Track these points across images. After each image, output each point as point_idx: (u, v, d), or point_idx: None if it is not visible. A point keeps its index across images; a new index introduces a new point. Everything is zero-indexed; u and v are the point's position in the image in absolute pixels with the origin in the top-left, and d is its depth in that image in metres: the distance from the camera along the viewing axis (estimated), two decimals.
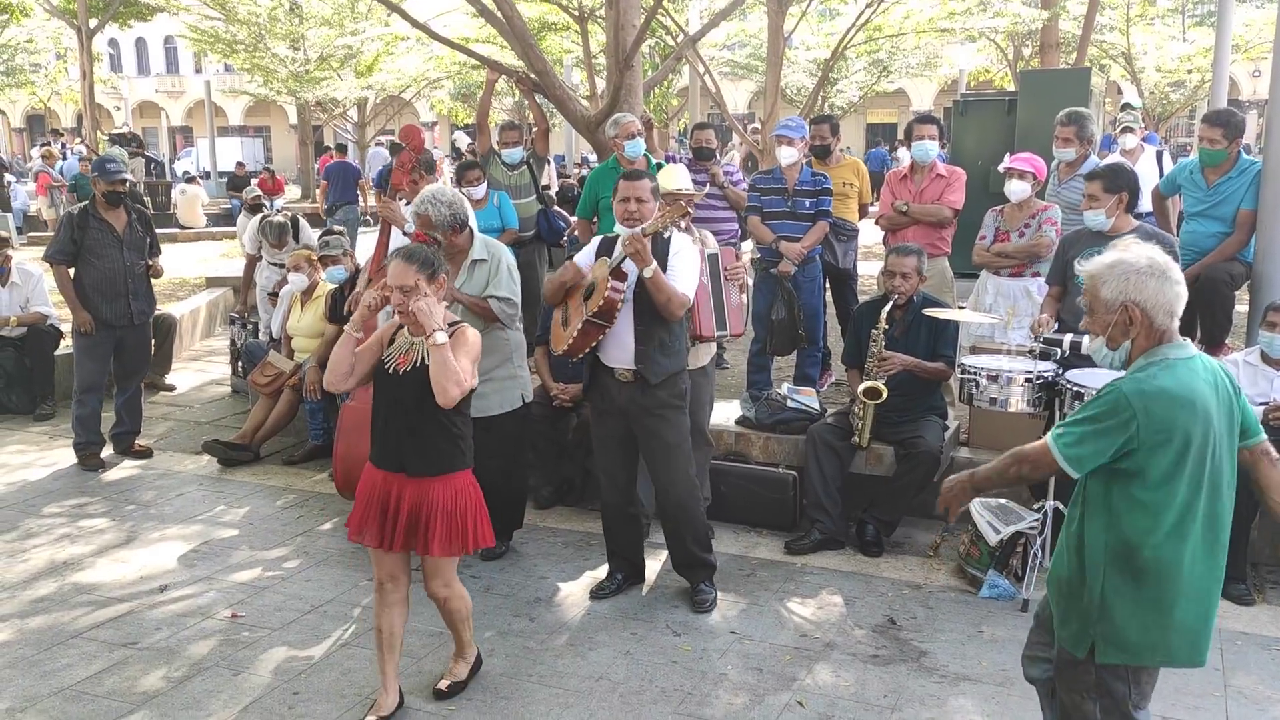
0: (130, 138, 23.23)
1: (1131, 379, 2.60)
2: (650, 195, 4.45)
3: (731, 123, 15.19)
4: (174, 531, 5.50)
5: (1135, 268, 2.62)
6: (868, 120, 42.02)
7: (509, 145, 7.54)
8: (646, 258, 4.21)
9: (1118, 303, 2.63)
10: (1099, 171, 5.13)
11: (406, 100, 28.87)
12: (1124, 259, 2.64)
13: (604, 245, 4.54)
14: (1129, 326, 2.63)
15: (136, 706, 3.79)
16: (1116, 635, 2.64)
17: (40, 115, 47.29)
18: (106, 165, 6.65)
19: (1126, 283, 2.62)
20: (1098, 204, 4.97)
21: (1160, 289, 2.60)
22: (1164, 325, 2.62)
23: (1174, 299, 2.61)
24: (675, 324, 4.47)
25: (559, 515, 5.63)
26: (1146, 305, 2.60)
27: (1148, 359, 2.63)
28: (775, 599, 4.69)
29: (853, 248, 7.10)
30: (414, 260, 3.58)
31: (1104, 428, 2.57)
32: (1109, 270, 2.65)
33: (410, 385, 3.59)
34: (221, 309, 10.71)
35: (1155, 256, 2.64)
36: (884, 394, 5.04)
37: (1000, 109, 9.09)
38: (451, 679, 3.90)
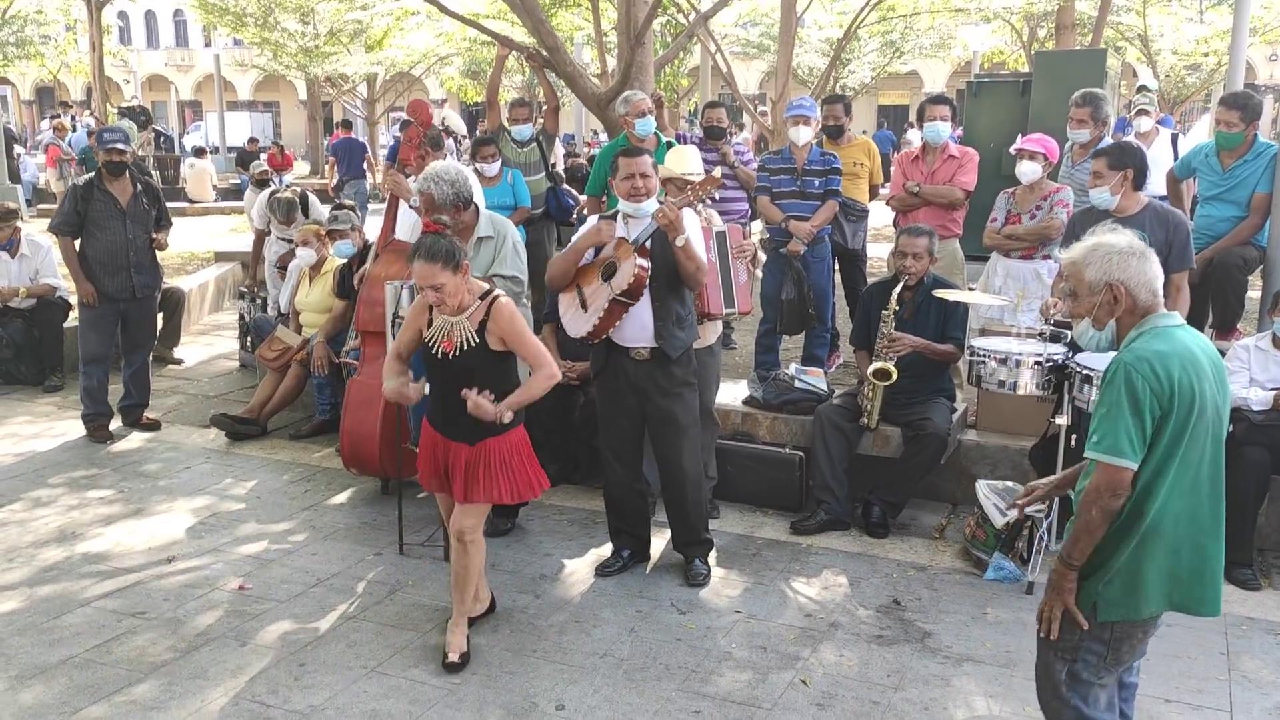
0: (139, 111, 23.16)
1: (1128, 351, 2.65)
2: (653, 170, 4.44)
3: (743, 102, 15.11)
4: (182, 504, 5.52)
5: (1116, 248, 2.72)
6: (879, 102, 41.75)
7: (518, 122, 7.51)
8: (681, 226, 4.22)
9: (1102, 283, 2.72)
10: (1104, 149, 5.09)
11: (416, 77, 28.76)
12: (1104, 241, 2.75)
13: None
14: (1114, 305, 2.72)
15: (145, 675, 3.81)
16: (1123, 595, 2.68)
17: (50, 88, 47.26)
18: (104, 135, 6.64)
19: (1109, 263, 2.71)
20: (1102, 181, 4.94)
21: (1141, 268, 2.70)
22: (1147, 302, 2.70)
23: (1153, 277, 2.71)
24: (688, 298, 4.47)
25: (564, 493, 5.63)
26: (1129, 283, 2.69)
27: (1138, 330, 2.70)
28: (780, 579, 4.69)
29: (862, 228, 7.06)
30: (437, 258, 3.69)
31: (1131, 407, 2.59)
32: (1091, 253, 2.75)
33: (459, 368, 3.81)
34: (230, 284, 10.72)
35: (1133, 239, 2.74)
36: (894, 375, 5.02)
37: (1014, 90, 9.01)
38: (458, 650, 3.91)
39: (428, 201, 4.75)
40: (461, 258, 3.77)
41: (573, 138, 21.66)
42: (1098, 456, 2.63)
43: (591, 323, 4.39)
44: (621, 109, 6.74)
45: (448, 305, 3.77)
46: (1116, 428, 2.60)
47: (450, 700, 3.66)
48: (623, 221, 4.45)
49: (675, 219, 4.20)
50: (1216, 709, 3.67)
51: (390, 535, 5.03)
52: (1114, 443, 2.60)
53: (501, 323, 3.80)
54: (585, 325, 4.42)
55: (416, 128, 5.86)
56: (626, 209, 4.42)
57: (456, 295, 3.77)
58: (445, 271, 3.69)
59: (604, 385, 4.64)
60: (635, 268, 4.25)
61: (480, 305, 3.83)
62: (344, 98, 28.36)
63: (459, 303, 3.80)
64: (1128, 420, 2.59)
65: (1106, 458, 2.62)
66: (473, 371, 3.80)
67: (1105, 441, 2.62)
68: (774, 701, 3.68)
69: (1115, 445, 2.60)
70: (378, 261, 5.64)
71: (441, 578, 4.62)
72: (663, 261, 4.34)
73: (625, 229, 4.42)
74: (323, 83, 26.76)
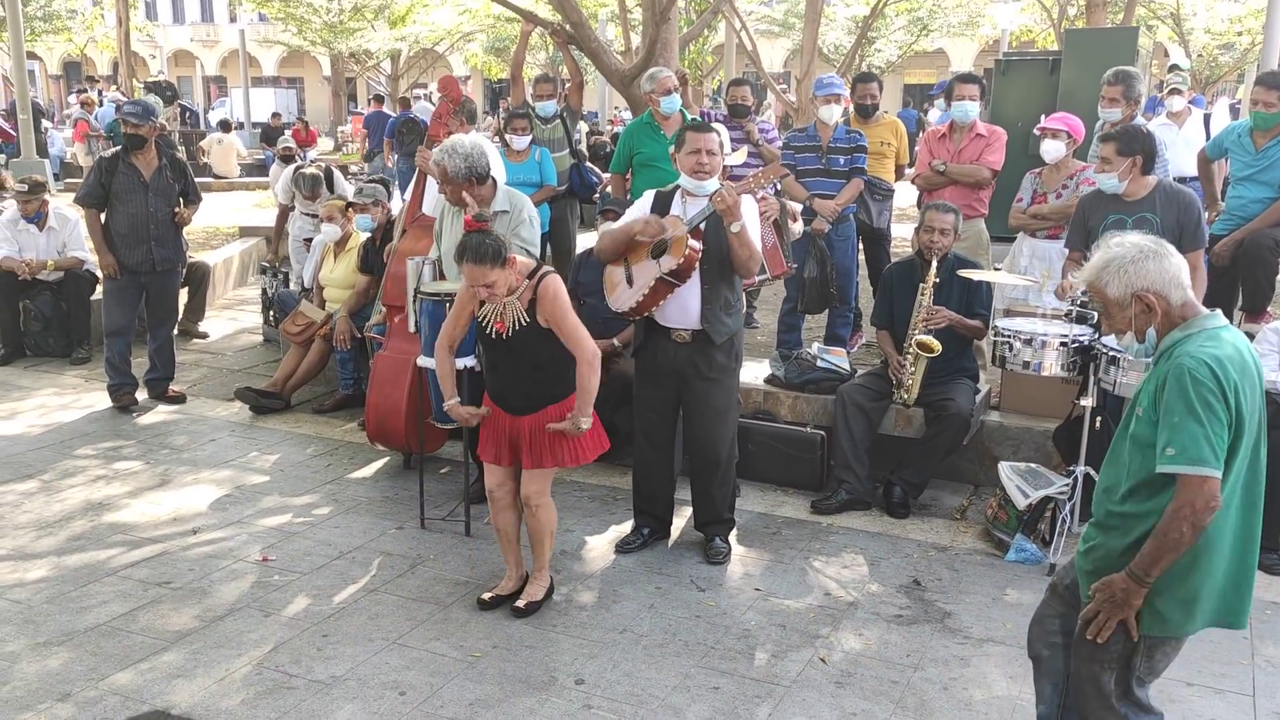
0: (165, 86, 23.27)
1: (1185, 355, 2.51)
2: (719, 148, 4.38)
3: (767, 80, 15.01)
4: (206, 475, 5.57)
5: (1128, 258, 2.62)
6: (905, 80, 41.32)
7: (542, 98, 7.49)
8: (738, 212, 4.17)
9: (1129, 296, 2.62)
10: (1113, 134, 4.95)
11: (440, 54, 28.74)
12: (1113, 255, 2.65)
13: (659, 200, 4.46)
14: (1149, 314, 2.61)
15: (170, 644, 3.86)
16: (1165, 607, 2.59)
17: (77, 63, 47.48)
18: (124, 108, 6.68)
19: (1127, 275, 2.61)
20: (1110, 167, 4.81)
21: (1160, 267, 2.60)
22: (1180, 299, 2.60)
23: (1176, 270, 2.61)
24: (738, 284, 4.44)
25: (586, 469, 5.63)
26: (1155, 287, 2.59)
27: (1184, 332, 2.59)
28: (800, 557, 4.69)
29: (888, 207, 7.01)
30: (484, 259, 3.77)
31: (1205, 412, 2.45)
32: (1105, 271, 2.65)
33: (514, 347, 3.92)
34: (254, 258, 10.77)
35: (1139, 241, 2.64)
36: (937, 348, 4.97)
37: (1043, 69, 8.90)
38: (529, 599, 4.09)
39: (441, 173, 4.75)
40: (506, 252, 3.83)
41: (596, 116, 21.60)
42: (1180, 469, 2.45)
43: (636, 299, 4.35)
44: (647, 86, 6.70)
45: (499, 297, 3.85)
46: (1195, 435, 2.43)
47: (470, 673, 3.69)
48: (680, 198, 4.38)
49: (734, 204, 4.14)
50: (1239, 693, 3.65)
51: (412, 509, 5.07)
52: (1196, 452, 2.43)
53: (546, 303, 3.88)
54: (629, 300, 4.38)
55: (447, 104, 5.86)
56: (687, 185, 4.35)
57: (508, 287, 3.85)
58: (495, 270, 3.77)
59: (642, 365, 4.62)
60: (686, 249, 4.19)
61: (529, 285, 3.90)
62: (368, 74, 28.37)
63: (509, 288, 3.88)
64: (1204, 426, 2.44)
65: (1191, 469, 2.43)
66: (527, 349, 3.90)
67: (1186, 452, 2.44)
68: (793, 679, 3.69)
69: (1198, 455, 2.43)
70: (405, 237, 5.66)
71: (462, 552, 4.65)
72: (716, 246, 4.28)
73: (682, 207, 4.35)
74: (347, 59, 26.79)
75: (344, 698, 3.53)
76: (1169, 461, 2.48)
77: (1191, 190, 5.21)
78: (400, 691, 3.57)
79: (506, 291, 3.86)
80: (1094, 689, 2.72)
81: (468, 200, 4.73)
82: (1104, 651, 2.68)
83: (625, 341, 5.53)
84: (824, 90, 6.38)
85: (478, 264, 3.76)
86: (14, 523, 4.92)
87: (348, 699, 3.52)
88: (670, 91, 6.57)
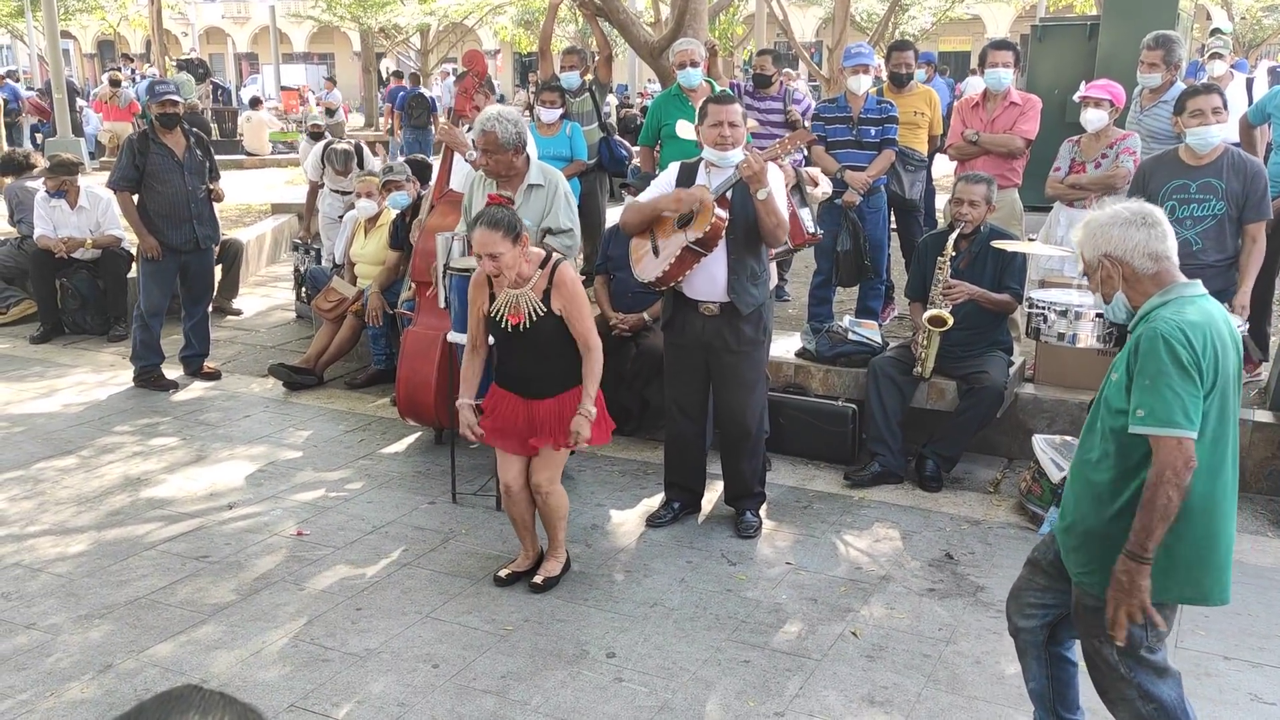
0: (198, 64, 23.40)
1: (1159, 319, 2.54)
2: (741, 119, 4.34)
3: (798, 50, 14.86)
4: (241, 451, 5.64)
5: (1100, 221, 2.68)
6: (939, 49, 40.68)
7: (567, 69, 7.44)
8: (764, 179, 4.13)
9: (1096, 259, 2.68)
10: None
11: (469, 27, 28.64)
12: (1093, 217, 2.72)
13: (684, 173, 4.44)
14: (1111, 279, 2.67)
15: (207, 617, 3.92)
16: (1154, 577, 2.56)
17: (110, 41, 47.79)
18: (156, 87, 6.68)
19: (1097, 238, 2.69)
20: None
21: (1127, 234, 2.62)
22: (1147, 269, 2.62)
23: (1147, 239, 2.61)
24: (764, 254, 4.41)
25: (616, 444, 5.64)
26: (1118, 253, 2.63)
27: (1162, 298, 2.60)
28: (832, 531, 4.68)
29: (920, 178, 6.91)
30: (498, 226, 3.75)
31: (1178, 373, 2.47)
32: (1083, 231, 2.73)
33: (532, 338, 3.89)
34: (286, 235, 10.84)
35: (1122, 208, 2.67)
36: (949, 322, 4.93)
37: (1081, 34, 8.72)
38: (545, 575, 4.13)
39: (491, 141, 4.68)
40: (521, 230, 3.81)
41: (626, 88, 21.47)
42: (1149, 430, 2.48)
43: (661, 268, 4.32)
44: (672, 58, 6.65)
45: (505, 277, 3.82)
46: (1165, 397, 2.47)
47: (503, 646, 3.72)
48: (705, 169, 4.37)
49: (760, 171, 4.10)
50: (1277, 666, 3.60)
51: (444, 484, 5.10)
52: (1166, 413, 2.46)
53: (564, 290, 3.87)
54: (655, 270, 4.36)
55: (472, 78, 5.84)
56: (711, 157, 4.33)
57: (514, 267, 3.82)
58: (505, 241, 3.74)
59: (671, 338, 4.60)
60: (713, 217, 4.17)
61: (542, 274, 3.88)
62: (397, 49, 28.35)
63: (517, 274, 3.85)
64: (1176, 387, 2.46)
65: (1161, 430, 2.47)
66: (544, 338, 3.89)
67: (1155, 413, 2.47)
68: (824, 653, 3.69)
69: (1167, 415, 2.46)
70: (433, 212, 5.66)
71: (494, 526, 4.67)
72: (742, 215, 4.25)
73: (707, 177, 4.34)
74: (376, 34, 26.77)
75: (378, 670, 3.57)
76: (1139, 423, 2.51)
77: (1259, 162, 5.10)
78: (433, 664, 3.61)
79: (516, 277, 3.84)
80: (1101, 661, 2.73)
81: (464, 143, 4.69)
82: (1095, 625, 2.68)
83: (656, 316, 5.51)
84: (852, 61, 6.29)
85: (490, 229, 3.73)
86: (55, 498, 5.01)
87: (382, 671, 3.56)
88: (688, 65, 6.51)
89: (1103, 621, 2.63)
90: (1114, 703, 2.76)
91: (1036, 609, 2.95)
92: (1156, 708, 2.69)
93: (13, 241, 8.60)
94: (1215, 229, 4.86)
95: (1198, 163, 4.73)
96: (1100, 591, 2.63)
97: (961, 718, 3.33)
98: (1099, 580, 2.64)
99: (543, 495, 4.05)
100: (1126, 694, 2.70)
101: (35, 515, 4.80)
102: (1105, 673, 2.73)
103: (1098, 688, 2.79)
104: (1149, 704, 2.69)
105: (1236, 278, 4.89)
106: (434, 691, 3.45)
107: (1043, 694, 3.02)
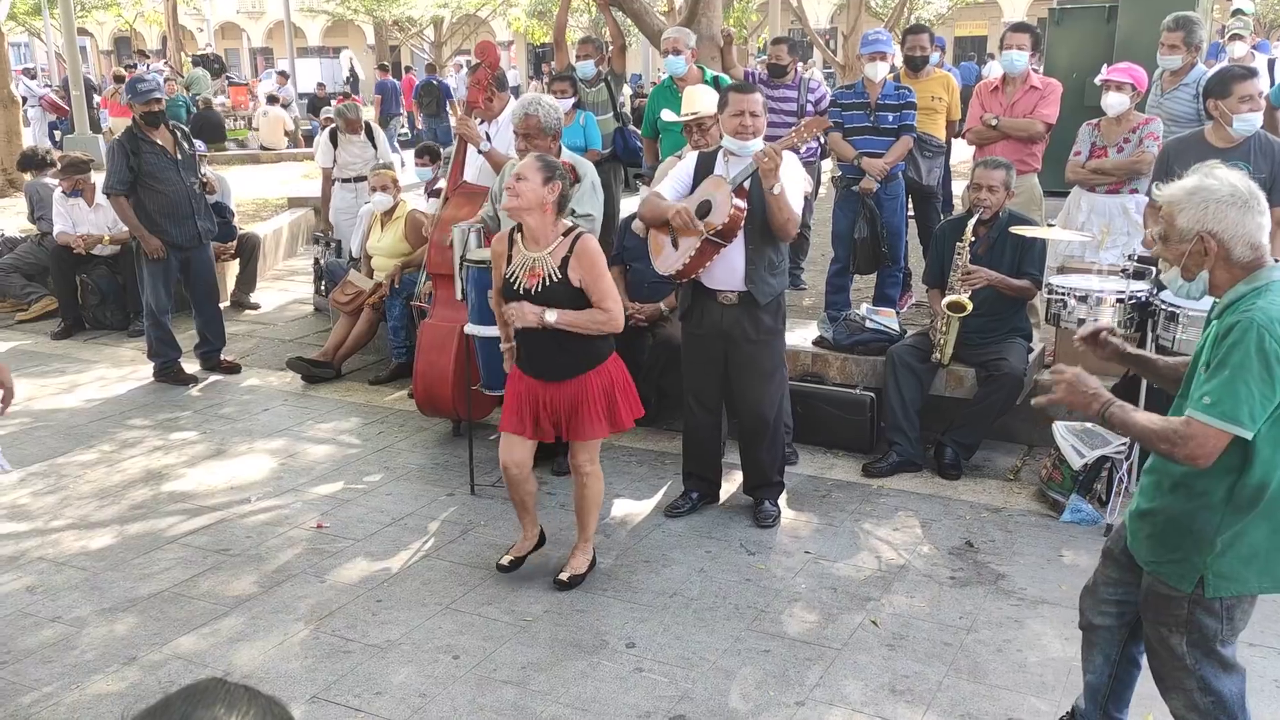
0: (213, 59, 23.51)
1: (1257, 310, 2.39)
2: (762, 109, 4.32)
3: (813, 37, 14.79)
4: (260, 445, 5.67)
5: (1216, 196, 2.45)
6: (955, 33, 40.41)
7: (583, 58, 7.41)
8: (777, 175, 4.09)
9: (1193, 232, 2.48)
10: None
11: (483, 19, 28.66)
12: (1205, 185, 2.48)
13: (702, 161, 4.43)
14: (1204, 257, 2.49)
15: (230, 609, 3.95)
16: (1235, 568, 2.52)
17: (126, 37, 48.04)
18: (137, 86, 6.55)
19: (1205, 211, 2.46)
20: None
21: (1241, 219, 2.44)
22: (1244, 257, 2.46)
23: (1255, 230, 2.46)
24: (782, 244, 4.39)
25: (634, 434, 5.64)
26: (1224, 236, 2.45)
27: (1250, 285, 2.47)
28: (851, 520, 4.66)
29: (938, 164, 6.86)
30: (540, 159, 3.79)
31: (1262, 373, 2.36)
32: (1189, 197, 2.48)
33: (542, 301, 3.79)
34: (303, 229, 10.88)
35: (1238, 184, 2.47)
36: (968, 308, 4.89)
37: (1099, 17, 8.62)
38: (573, 571, 4.08)
39: (533, 125, 4.70)
40: (559, 178, 3.77)
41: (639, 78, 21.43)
42: (1212, 422, 2.38)
43: (682, 261, 4.31)
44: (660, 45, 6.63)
45: (517, 201, 3.73)
46: (1237, 393, 2.35)
47: (523, 637, 3.73)
48: (723, 159, 4.36)
49: (775, 166, 4.05)
50: None
51: (462, 476, 5.11)
52: (1233, 409, 2.36)
53: (585, 257, 3.79)
54: (675, 263, 4.35)
55: (485, 69, 5.83)
56: (731, 146, 4.31)
57: (529, 200, 3.73)
58: (538, 172, 3.72)
59: (689, 328, 4.59)
60: (732, 208, 4.16)
61: (564, 241, 3.82)
62: (411, 41, 28.38)
63: (531, 216, 3.76)
64: (1253, 385, 2.35)
65: (1221, 424, 2.37)
66: (555, 307, 3.79)
67: (1222, 406, 2.37)
68: (844, 642, 3.68)
69: (1234, 412, 2.36)
70: (447, 205, 5.66)
71: (512, 518, 4.66)
72: (760, 205, 4.23)
73: (725, 167, 4.33)
74: (390, 26, 26.80)
75: (399, 661, 3.58)
76: (1203, 410, 2.40)
77: None
78: (454, 655, 3.62)
79: (536, 239, 3.79)
80: (1166, 651, 2.67)
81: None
82: (1167, 614, 2.62)
83: (672, 306, 5.50)
84: (870, 48, 6.24)
85: (537, 159, 3.76)
86: (77, 492, 5.05)
87: (403, 662, 3.58)
88: (669, 53, 6.48)
89: (1174, 611, 2.59)
90: (1170, 690, 2.71)
91: (1112, 606, 2.88)
92: (1215, 701, 2.64)
93: (33, 239, 8.67)
94: None
95: (1226, 145, 4.67)
96: (1174, 581, 2.58)
97: (983, 706, 3.32)
98: (1173, 570, 2.59)
99: (583, 477, 4.02)
100: (1186, 684, 2.65)
101: (59, 509, 4.85)
102: (1168, 662, 2.68)
103: (1156, 675, 2.76)
104: (1207, 697, 2.63)
105: None
106: (455, 682, 3.46)
107: (1099, 689, 2.98)
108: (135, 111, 6.50)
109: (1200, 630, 2.59)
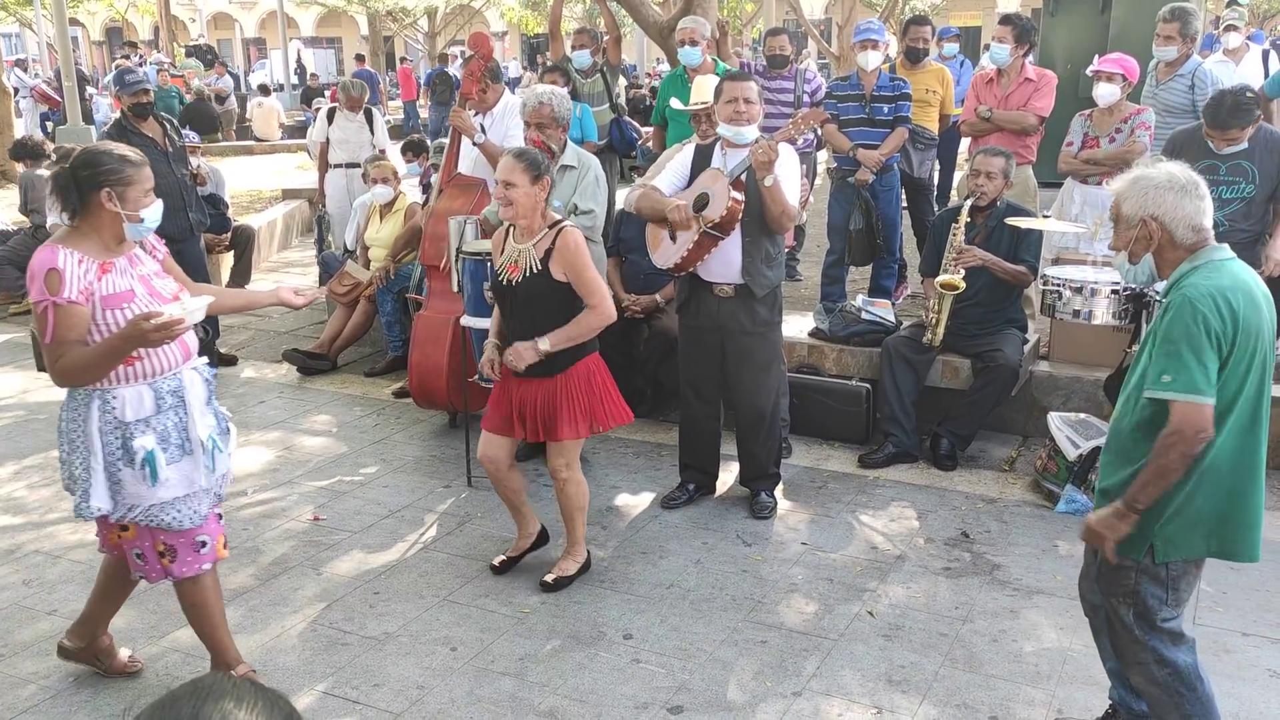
0: (206, 50, 23.42)
1: (1190, 286, 2.56)
2: (757, 96, 4.32)
3: (808, 28, 14.76)
4: (256, 437, 5.66)
5: (1155, 182, 2.63)
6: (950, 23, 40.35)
7: (579, 48, 7.40)
8: (771, 168, 4.09)
9: (1137, 217, 2.65)
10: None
11: (476, 9, 28.56)
12: (1144, 174, 2.68)
13: (699, 153, 4.43)
14: (1149, 241, 2.65)
15: (227, 601, 3.91)
16: (1182, 533, 2.62)
17: (118, 28, 47.80)
18: (125, 77, 6.48)
19: (1146, 197, 2.64)
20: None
21: (1179, 202, 2.61)
22: (1186, 239, 2.62)
23: (1195, 213, 2.61)
24: (779, 235, 4.40)
25: (629, 426, 5.62)
26: (1165, 219, 2.62)
27: (1190, 264, 2.62)
28: (847, 511, 4.68)
29: (930, 157, 6.87)
30: (522, 158, 3.72)
31: (1202, 342, 2.50)
32: (1131, 185, 2.68)
33: (525, 299, 3.76)
34: (298, 220, 10.85)
35: (1176, 172, 2.64)
36: (960, 286, 4.88)
37: (1094, 7, 8.63)
38: (559, 573, 4.02)
39: (546, 115, 4.73)
40: (546, 172, 3.75)
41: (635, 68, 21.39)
42: (1174, 396, 2.52)
43: (680, 254, 4.31)
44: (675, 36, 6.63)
45: (514, 211, 3.71)
46: (1188, 364, 2.50)
47: (520, 629, 3.73)
48: (721, 151, 4.36)
49: (770, 160, 4.05)
50: None
51: (459, 468, 5.11)
52: (1189, 380, 2.50)
53: (566, 252, 3.72)
54: (673, 257, 4.35)
55: (478, 60, 5.81)
56: (726, 132, 4.31)
57: (525, 207, 3.71)
58: (524, 174, 3.68)
59: (686, 320, 4.60)
60: (729, 200, 4.16)
61: (548, 234, 3.78)
62: (405, 32, 28.30)
63: (527, 219, 3.74)
64: (1199, 356, 2.49)
65: (1185, 396, 2.50)
66: (535, 300, 3.75)
67: (1180, 380, 2.51)
68: (840, 632, 3.70)
69: (1191, 382, 2.50)
70: (442, 196, 5.65)
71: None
72: (756, 197, 4.23)
73: (722, 158, 4.33)
74: (384, 17, 26.71)
75: (397, 653, 3.59)
76: (1164, 388, 2.54)
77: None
78: (451, 647, 3.63)
79: (525, 230, 3.76)
80: (1120, 625, 2.78)
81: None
82: (1117, 585, 2.73)
83: (668, 297, 5.51)
84: (861, 36, 6.24)
85: (515, 159, 3.70)
86: None
87: (400, 654, 3.58)
88: (685, 43, 6.48)
89: (1124, 581, 2.70)
90: (1130, 665, 2.81)
91: None
92: (1171, 673, 2.73)
93: (26, 231, 8.63)
94: (1242, 212, 4.84)
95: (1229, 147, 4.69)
96: (1125, 550, 2.68)
97: (979, 696, 3.34)
98: (1130, 538, 2.67)
99: (560, 482, 3.95)
100: (1141, 657, 2.75)
101: (53, 503, 4.84)
102: (1124, 636, 2.78)
103: (1115, 649, 2.86)
104: (1164, 669, 2.73)
105: (1261, 252, 4.86)
106: (452, 674, 3.47)
107: (1118, 672, 3.03)
108: (123, 103, 6.48)
109: (1144, 601, 2.69)
